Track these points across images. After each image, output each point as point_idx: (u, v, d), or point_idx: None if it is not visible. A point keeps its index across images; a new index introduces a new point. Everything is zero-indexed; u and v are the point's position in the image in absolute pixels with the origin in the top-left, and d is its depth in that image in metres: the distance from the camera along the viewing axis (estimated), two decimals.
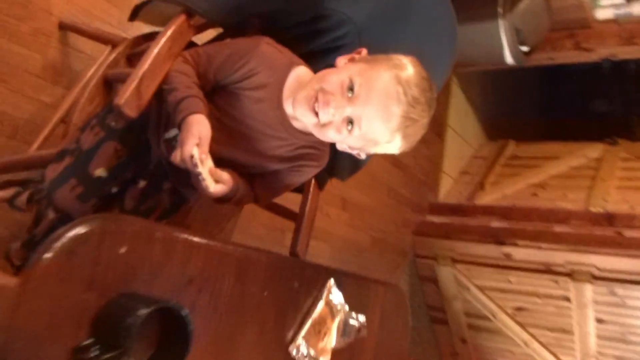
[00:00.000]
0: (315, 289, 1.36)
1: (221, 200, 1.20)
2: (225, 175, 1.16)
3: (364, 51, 1.19)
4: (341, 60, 1.18)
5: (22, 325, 0.80)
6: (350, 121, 1.11)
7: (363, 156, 1.23)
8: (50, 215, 1.22)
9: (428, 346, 3.96)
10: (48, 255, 0.83)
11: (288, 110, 1.20)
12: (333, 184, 1.67)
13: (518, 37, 3.40)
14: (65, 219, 1.20)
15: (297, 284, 1.30)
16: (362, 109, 1.09)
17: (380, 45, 1.34)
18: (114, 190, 1.27)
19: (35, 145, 1.44)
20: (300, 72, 1.23)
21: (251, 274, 1.17)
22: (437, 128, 3.96)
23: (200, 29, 1.27)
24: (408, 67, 1.13)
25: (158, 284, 0.98)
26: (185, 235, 1.03)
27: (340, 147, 1.21)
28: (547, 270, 3.37)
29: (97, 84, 1.32)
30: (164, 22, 1.21)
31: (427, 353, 3.97)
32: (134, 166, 1.28)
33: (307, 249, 1.62)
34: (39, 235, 1.23)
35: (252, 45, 1.20)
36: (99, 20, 1.85)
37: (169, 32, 1.17)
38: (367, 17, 1.36)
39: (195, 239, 1.04)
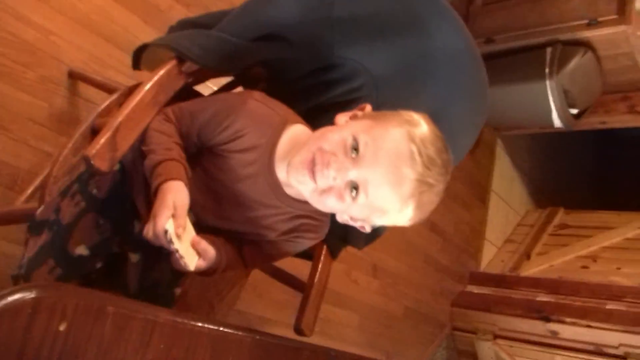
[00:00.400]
0: None
1: (203, 273, 1.06)
2: (209, 249, 1.02)
3: (368, 107, 1.03)
4: (342, 118, 1.02)
5: None
6: (354, 186, 0.94)
7: (368, 229, 1.04)
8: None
9: None
10: None
11: (281, 175, 1.05)
12: (363, 249, 1.51)
13: (567, 99, 3.23)
14: None
15: None
16: (369, 171, 0.92)
17: (401, 101, 1.20)
18: (98, 265, 1.12)
19: (23, 197, 1.34)
20: (296, 131, 1.08)
21: (231, 357, 1.01)
22: (480, 193, 3.79)
23: (196, 78, 1.15)
24: (421, 124, 0.96)
25: None
26: (145, 312, 0.88)
27: (341, 218, 1.02)
28: (598, 351, 3.12)
29: (83, 134, 1.21)
30: None
31: None
32: (120, 239, 1.15)
33: (314, 325, 1.46)
34: None
35: (239, 103, 1.06)
36: (112, 69, 1.78)
37: (155, 78, 1.05)
38: (384, 69, 1.21)
39: (158, 316, 0.89)
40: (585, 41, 3.12)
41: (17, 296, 0.74)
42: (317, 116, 1.23)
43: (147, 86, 1.04)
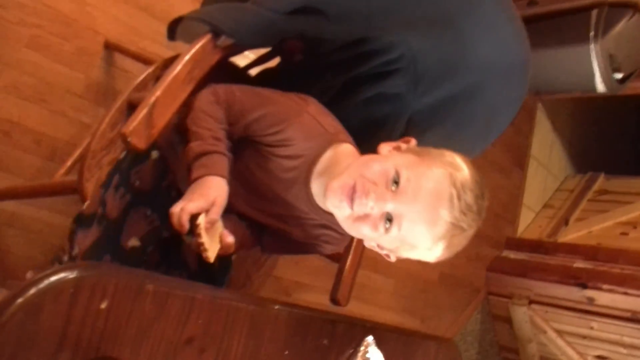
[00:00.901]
0: (349, 347, 1.19)
1: None
2: (231, 242, 1.02)
3: (413, 141, 1.03)
4: (385, 147, 1.02)
5: None
6: (389, 218, 0.95)
7: (393, 259, 1.04)
8: None
9: None
10: (7, 313, 0.71)
11: (314, 187, 1.06)
12: None
13: (611, 63, 3.12)
14: None
15: (326, 341, 1.14)
16: (407, 206, 0.93)
17: (439, 77, 1.18)
18: (149, 249, 1.16)
19: (62, 170, 1.36)
20: (341, 150, 1.07)
21: (268, 331, 1.02)
22: (518, 158, 3.73)
23: (230, 52, 1.14)
24: (464, 168, 0.97)
25: (148, 343, 0.85)
26: (183, 289, 0.89)
27: (369, 244, 1.04)
28: (635, 318, 3.08)
29: (120, 109, 1.22)
30: None
31: None
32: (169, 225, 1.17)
33: (350, 295, 1.47)
34: None
35: (293, 113, 1.05)
36: (148, 39, 1.78)
37: (189, 54, 1.05)
38: (422, 41, 1.18)
39: (196, 292, 0.90)
40: (633, 3, 2.99)
41: (59, 276, 0.76)
42: (355, 88, 1.21)
43: (182, 62, 1.04)
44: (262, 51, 1.43)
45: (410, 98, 1.20)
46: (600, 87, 3.20)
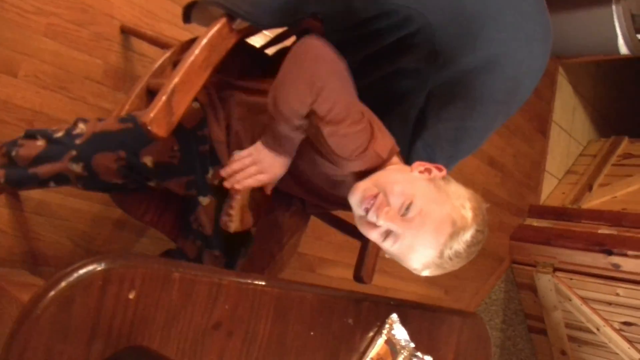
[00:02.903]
0: (374, 325, 1.20)
1: None
2: (250, 220, 1.14)
3: (444, 171, 1.11)
4: (418, 167, 1.10)
5: None
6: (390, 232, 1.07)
7: (387, 255, 1.14)
8: (76, 169, 1.16)
9: (524, 355, 3.73)
10: (41, 306, 0.73)
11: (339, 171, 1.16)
12: None
13: (634, 24, 3.05)
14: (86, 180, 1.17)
15: (351, 320, 1.15)
16: (408, 232, 1.04)
17: (458, 50, 1.17)
18: (151, 184, 1.22)
19: None
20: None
21: (294, 312, 1.03)
22: (540, 124, 3.67)
23: (245, 34, 1.14)
24: (469, 216, 1.06)
25: (177, 330, 0.87)
26: (209, 276, 0.90)
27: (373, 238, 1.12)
28: None
29: (139, 95, 1.23)
30: None
31: None
32: (185, 178, 1.20)
33: (373, 272, 1.48)
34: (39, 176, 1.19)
35: (361, 147, 1.10)
36: (164, 22, 1.78)
37: (206, 39, 1.05)
38: (441, 14, 1.16)
39: (222, 278, 0.91)
40: None
41: (88, 269, 0.78)
42: (374, 65, 1.20)
43: (199, 48, 1.04)
44: (279, 30, 1.42)
45: (430, 72, 1.19)
46: (623, 48, 3.14)
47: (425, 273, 1.10)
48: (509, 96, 1.30)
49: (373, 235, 1.08)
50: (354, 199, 1.08)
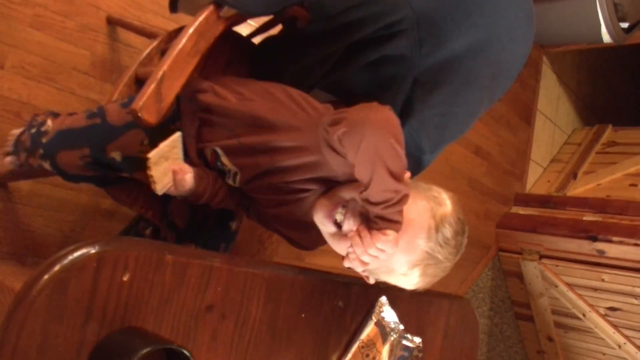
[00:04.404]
0: (363, 308, 1.22)
1: (184, 199, 1.14)
2: (185, 182, 1.08)
3: (408, 174, 1.02)
4: None
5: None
6: None
7: (371, 280, 1.08)
8: (46, 166, 1.18)
9: (511, 342, 3.77)
10: (36, 289, 0.74)
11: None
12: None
13: (617, 13, 3.08)
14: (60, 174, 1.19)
15: (341, 303, 1.17)
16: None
17: (443, 37, 1.18)
18: (125, 174, 1.20)
19: None
20: None
21: (285, 295, 1.05)
22: (525, 113, 3.70)
23: (233, 21, 1.14)
24: (447, 204, 1.04)
25: (170, 312, 0.88)
26: (201, 259, 0.92)
27: (348, 263, 1.02)
28: None
29: (127, 84, 1.23)
30: None
31: (511, 350, 3.78)
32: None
33: None
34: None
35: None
36: (150, 12, 1.78)
37: (194, 26, 1.05)
38: (426, 1, 1.18)
39: (214, 261, 0.93)
40: None
41: (82, 252, 0.79)
42: (359, 52, 1.22)
43: (187, 35, 1.05)
44: (265, 19, 1.43)
45: (415, 59, 1.20)
46: (607, 37, 3.16)
47: (416, 277, 1.03)
48: (494, 81, 1.32)
49: (350, 248, 0.99)
50: (320, 217, 1.04)
